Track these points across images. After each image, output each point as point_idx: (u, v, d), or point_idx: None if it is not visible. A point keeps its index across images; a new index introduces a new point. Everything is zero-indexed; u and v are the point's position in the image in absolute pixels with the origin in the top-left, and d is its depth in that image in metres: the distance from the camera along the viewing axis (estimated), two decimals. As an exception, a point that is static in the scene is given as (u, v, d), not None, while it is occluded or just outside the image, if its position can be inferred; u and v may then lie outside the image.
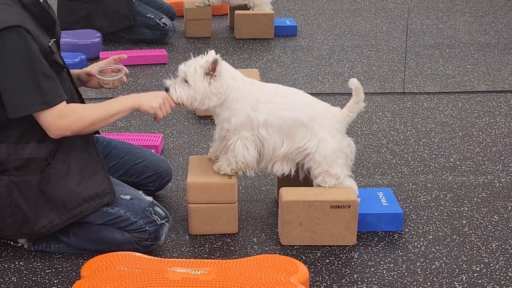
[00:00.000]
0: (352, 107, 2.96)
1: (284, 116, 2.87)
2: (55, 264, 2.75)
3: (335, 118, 2.94)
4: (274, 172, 2.95)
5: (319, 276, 2.67)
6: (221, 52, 5.40)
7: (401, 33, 5.90)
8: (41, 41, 2.55)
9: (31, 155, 2.64)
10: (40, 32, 2.59)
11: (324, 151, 2.87)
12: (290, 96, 2.95)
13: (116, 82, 2.93)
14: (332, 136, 2.90)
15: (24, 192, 2.65)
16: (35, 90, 2.53)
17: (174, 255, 2.81)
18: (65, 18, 5.54)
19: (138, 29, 5.61)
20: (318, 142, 2.88)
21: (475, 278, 2.67)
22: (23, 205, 2.65)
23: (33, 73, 2.52)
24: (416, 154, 3.71)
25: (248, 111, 2.85)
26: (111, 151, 3.08)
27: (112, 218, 2.72)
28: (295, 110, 2.89)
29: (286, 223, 2.84)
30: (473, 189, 3.34)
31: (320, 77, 4.90)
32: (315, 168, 2.89)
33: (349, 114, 2.97)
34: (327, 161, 2.87)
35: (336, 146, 2.90)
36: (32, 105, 2.54)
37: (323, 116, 2.92)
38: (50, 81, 2.55)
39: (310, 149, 2.88)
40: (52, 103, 2.55)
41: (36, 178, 2.64)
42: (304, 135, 2.89)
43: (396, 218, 2.96)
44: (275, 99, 2.89)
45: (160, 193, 3.25)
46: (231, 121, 2.85)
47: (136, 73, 4.96)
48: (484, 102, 4.45)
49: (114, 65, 2.96)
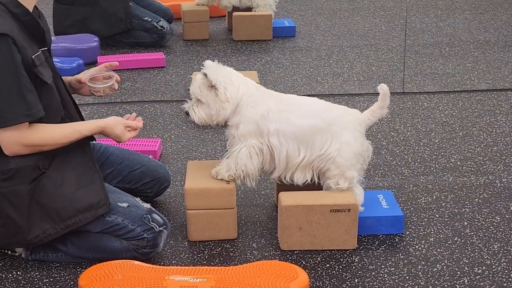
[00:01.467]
0: (375, 111, 2.94)
1: (300, 124, 2.84)
2: (53, 273, 2.72)
3: (357, 120, 2.91)
4: (295, 181, 2.91)
5: (319, 281, 2.65)
6: (220, 54, 5.39)
7: (400, 32, 5.87)
8: (25, 53, 2.53)
9: (18, 164, 2.61)
10: (28, 43, 2.57)
11: (346, 154, 2.84)
12: (308, 104, 2.93)
13: (107, 89, 2.92)
14: (355, 139, 2.87)
15: (14, 202, 2.62)
16: (19, 102, 2.51)
17: (173, 262, 2.79)
18: (60, 22, 5.52)
19: (135, 32, 5.58)
20: (341, 145, 2.84)
21: (477, 280, 2.64)
22: (14, 215, 2.63)
23: (19, 84, 2.50)
24: (416, 155, 3.69)
25: (257, 119, 2.83)
26: (108, 157, 3.06)
27: (110, 226, 2.69)
28: (312, 116, 2.86)
29: (286, 228, 2.82)
30: (474, 189, 3.32)
31: (319, 78, 4.87)
32: (333, 170, 2.85)
33: (370, 118, 2.94)
34: (347, 164, 2.84)
35: (358, 149, 2.87)
36: (15, 117, 2.52)
37: (344, 118, 2.89)
38: (32, 94, 2.54)
39: (332, 153, 2.84)
40: (34, 116, 2.54)
41: (26, 187, 2.61)
42: (324, 141, 2.85)
43: (396, 220, 2.94)
44: (290, 108, 2.87)
45: (159, 199, 3.23)
46: (239, 127, 2.84)
47: (134, 77, 4.94)
48: (484, 101, 4.42)
49: (105, 72, 2.94)
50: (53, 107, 2.66)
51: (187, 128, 4.06)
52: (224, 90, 2.81)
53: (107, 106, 4.38)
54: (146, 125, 4.09)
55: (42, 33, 2.65)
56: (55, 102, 2.68)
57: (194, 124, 4.06)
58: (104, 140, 3.27)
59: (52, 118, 2.66)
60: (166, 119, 4.18)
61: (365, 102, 4.37)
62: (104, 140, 3.36)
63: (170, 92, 4.65)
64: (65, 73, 4.54)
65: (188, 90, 4.57)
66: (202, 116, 2.87)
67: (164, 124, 4.11)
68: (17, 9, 2.56)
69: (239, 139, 2.85)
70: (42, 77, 2.59)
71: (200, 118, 2.87)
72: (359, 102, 4.38)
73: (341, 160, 2.84)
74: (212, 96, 2.82)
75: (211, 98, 2.82)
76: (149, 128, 4.06)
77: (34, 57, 2.56)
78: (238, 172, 2.85)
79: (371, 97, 4.47)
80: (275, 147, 2.85)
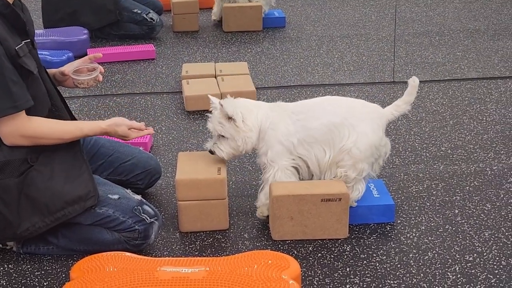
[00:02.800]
0: (399, 106, 2.94)
1: (314, 125, 2.85)
2: (45, 266, 2.72)
3: (375, 113, 2.90)
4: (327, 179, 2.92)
5: (311, 271, 2.65)
6: (210, 46, 5.38)
7: (390, 22, 5.87)
8: (8, 45, 2.52)
9: (6, 157, 2.60)
10: (10, 34, 2.55)
11: (362, 145, 2.83)
12: (318, 103, 2.93)
13: (91, 81, 2.90)
14: (373, 131, 2.85)
15: (2, 196, 2.61)
16: (4, 95, 2.50)
17: (164, 253, 2.79)
18: (50, 15, 5.50)
19: (125, 24, 5.56)
20: (358, 136, 2.83)
21: (468, 268, 2.65)
22: (3, 209, 2.62)
23: (2, 77, 2.49)
24: (407, 144, 3.69)
25: (280, 139, 2.84)
26: (99, 149, 3.05)
27: (101, 219, 2.69)
28: (325, 114, 2.86)
29: (277, 218, 2.82)
30: (465, 177, 3.32)
31: (310, 68, 4.87)
32: (346, 160, 2.85)
33: (394, 113, 2.94)
34: (361, 155, 2.83)
35: (375, 142, 2.86)
36: (2, 110, 2.51)
37: (360, 111, 2.88)
38: (18, 86, 2.53)
39: (349, 144, 2.83)
40: (21, 108, 2.54)
41: (14, 181, 2.61)
42: (342, 135, 2.85)
43: (388, 209, 2.94)
44: (303, 115, 2.87)
45: (150, 191, 3.23)
46: (268, 154, 2.86)
47: (124, 69, 4.92)
48: (474, 89, 4.43)
49: (89, 64, 2.93)
50: (39, 97, 2.65)
51: (178, 119, 4.05)
52: (243, 120, 2.82)
53: (98, 99, 4.37)
54: (137, 117, 4.08)
55: (23, 25, 2.63)
56: (41, 93, 2.67)
57: (185, 115, 4.09)
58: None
59: (40, 109, 2.65)
60: (157, 111, 4.17)
61: (355, 92, 4.37)
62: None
63: (161, 84, 4.64)
64: (55, 66, 4.48)
65: (178, 82, 4.59)
66: (229, 151, 2.88)
67: (155, 116, 4.10)
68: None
69: (270, 164, 2.87)
70: (28, 67, 2.57)
71: (228, 154, 2.89)
72: (349, 92, 4.37)
73: (356, 151, 2.83)
74: (234, 128, 2.83)
75: (234, 131, 2.83)
76: (140, 120, 4.04)
77: (17, 49, 2.54)
78: None
79: (362, 86, 4.47)
80: (306, 155, 2.87)
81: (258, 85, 4.49)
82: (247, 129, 2.83)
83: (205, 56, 5.16)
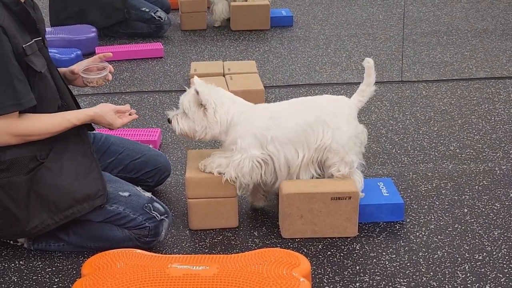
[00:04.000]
0: (364, 90, 2.94)
1: (289, 125, 2.84)
2: (56, 262, 2.73)
3: (345, 104, 2.91)
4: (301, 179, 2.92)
5: (321, 269, 2.66)
6: (218, 44, 5.39)
7: (398, 21, 5.87)
8: (16, 42, 2.52)
9: (14, 155, 2.61)
10: (20, 32, 2.56)
11: (340, 139, 2.84)
12: (291, 104, 2.92)
13: (100, 80, 2.92)
14: (346, 123, 2.87)
15: (12, 194, 2.62)
16: (9, 92, 2.50)
17: (174, 251, 2.79)
18: (58, 14, 5.52)
19: (133, 23, 5.58)
20: (333, 132, 2.84)
21: (478, 267, 2.65)
22: (11, 207, 2.63)
23: (7, 74, 2.50)
24: (415, 143, 3.69)
25: (254, 131, 2.82)
26: (109, 147, 3.06)
27: (111, 216, 2.70)
28: (298, 114, 2.85)
29: (287, 216, 2.82)
30: (473, 177, 3.33)
31: (318, 67, 4.87)
32: (331, 158, 2.86)
33: (360, 99, 2.95)
34: (344, 149, 2.84)
35: (352, 133, 2.87)
36: (5, 107, 2.51)
37: (332, 106, 2.89)
38: (22, 84, 2.53)
39: (326, 142, 2.84)
40: (24, 106, 2.54)
41: (23, 178, 2.62)
42: (317, 133, 2.85)
43: (397, 208, 2.94)
44: (277, 114, 2.86)
45: (159, 189, 3.23)
46: (237, 142, 2.82)
47: (132, 67, 4.93)
48: (483, 89, 4.43)
49: (99, 63, 2.94)
50: (48, 96, 2.66)
51: (187, 118, 4.05)
52: (214, 112, 2.78)
53: (106, 97, 4.38)
54: (145, 115, 4.09)
55: (33, 23, 2.63)
56: (50, 92, 2.67)
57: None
58: (105, 130, 3.27)
59: (48, 107, 2.66)
60: (166, 109, 4.17)
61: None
62: (105, 130, 3.35)
63: (169, 82, 4.65)
64: (64, 64, 4.54)
65: (186, 80, 4.60)
66: (184, 129, 2.83)
67: (164, 114, 4.10)
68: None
69: (239, 151, 2.83)
70: (34, 66, 2.57)
71: (182, 130, 2.84)
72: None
73: (336, 146, 2.84)
74: (200, 114, 2.80)
75: (198, 116, 2.80)
76: (149, 118, 4.06)
77: (25, 47, 2.55)
78: (235, 179, 2.83)
79: (370, 86, 4.47)
80: (273, 154, 2.85)
81: (266, 83, 4.50)
82: (213, 121, 2.79)
83: (213, 55, 5.17)
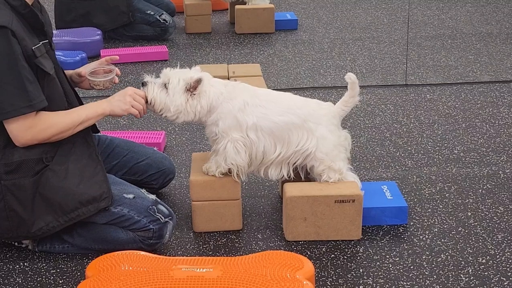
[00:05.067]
0: (347, 101, 2.94)
1: (276, 120, 2.83)
2: (60, 264, 2.74)
3: (330, 114, 2.91)
4: (269, 176, 2.91)
5: (324, 272, 2.66)
6: (222, 47, 5.40)
7: (402, 25, 5.87)
8: (25, 44, 2.53)
9: (22, 157, 2.62)
10: (28, 35, 2.57)
11: (325, 148, 2.85)
12: (283, 100, 2.90)
13: (107, 83, 2.92)
14: (330, 132, 2.88)
15: (18, 195, 2.64)
16: (20, 94, 2.51)
17: (178, 253, 2.80)
18: (63, 16, 5.53)
19: (138, 25, 5.59)
20: (317, 140, 2.85)
21: (481, 270, 2.65)
22: (17, 208, 2.64)
23: (19, 76, 2.51)
24: (419, 147, 3.70)
25: (235, 113, 2.80)
26: (114, 149, 3.07)
27: (116, 218, 2.71)
28: (288, 113, 2.85)
29: (291, 218, 2.83)
30: (477, 180, 3.33)
31: (322, 71, 4.88)
32: (317, 166, 2.87)
33: (344, 108, 2.94)
34: (329, 157, 2.86)
35: (336, 141, 2.88)
36: (17, 109, 2.52)
37: (318, 113, 2.89)
38: (33, 85, 2.54)
39: (310, 149, 2.85)
40: (36, 107, 2.55)
41: (29, 180, 2.63)
42: (300, 137, 2.86)
43: (400, 211, 2.95)
44: (268, 104, 2.85)
45: (164, 191, 3.24)
46: (219, 125, 2.81)
47: (137, 70, 4.95)
48: (487, 92, 4.43)
49: (106, 66, 2.95)
50: (55, 98, 2.67)
51: (191, 120, 4.06)
52: (198, 103, 2.76)
53: (111, 99, 4.39)
54: (150, 118, 4.10)
55: (41, 25, 2.65)
56: (57, 94, 2.69)
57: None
58: (109, 133, 3.28)
59: (56, 109, 2.67)
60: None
61: (368, 94, 4.38)
62: (109, 132, 3.37)
63: (174, 85, 4.65)
64: (69, 66, 4.56)
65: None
66: (156, 99, 2.74)
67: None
68: (15, 2, 2.56)
69: (222, 135, 2.82)
70: (43, 67, 2.59)
71: (153, 99, 2.74)
72: (362, 94, 4.36)
73: (321, 155, 2.85)
74: (183, 98, 2.76)
75: (180, 98, 2.75)
76: (153, 120, 4.07)
77: (34, 49, 2.56)
78: (230, 167, 2.83)
79: (374, 89, 4.48)
80: (253, 142, 2.84)
81: (270, 87, 4.50)
82: (191, 109, 2.76)
83: (218, 58, 5.18)
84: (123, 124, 4.02)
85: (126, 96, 2.73)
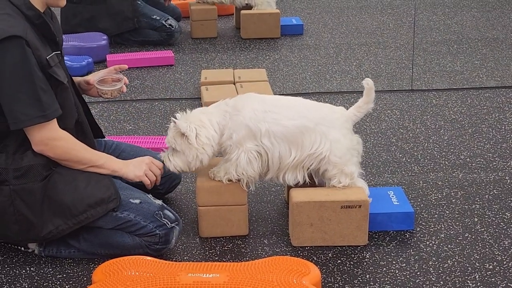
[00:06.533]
0: (361, 107, 2.94)
1: (288, 124, 2.83)
2: (66, 269, 2.74)
3: (342, 118, 2.92)
4: (286, 181, 2.90)
5: (331, 277, 2.66)
6: (228, 52, 5.41)
7: (408, 30, 5.87)
8: (39, 54, 2.55)
9: (30, 162, 2.64)
10: (41, 44, 2.59)
11: (339, 152, 2.85)
12: (293, 105, 2.91)
13: (115, 92, 2.94)
14: (343, 136, 2.88)
15: (26, 200, 2.65)
16: (34, 103, 2.54)
17: (185, 258, 2.80)
18: (68, 21, 5.54)
19: (144, 30, 5.60)
20: (331, 144, 2.85)
21: (488, 276, 2.65)
22: (27, 212, 2.65)
23: (33, 85, 2.53)
24: (426, 152, 3.69)
25: (247, 122, 2.80)
26: (120, 154, 3.07)
27: (122, 223, 2.71)
28: (300, 117, 2.85)
29: (297, 224, 2.83)
30: (484, 186, 3.32)
31: (328, 76, 4.88)
32: (331, 170, 2.86)
33: (356, 114, 2.94)
34: (342, 161, 2.85)
35: (349, 145, 2.88)
36: (31, 118, 2.54)
37: (330, 117, 2.89)
38: (47, 95, 2.56)
39: (324, 153, 2.84)
40: (50, 117, 2.57)
41: (38, 185, 2.64)
42: (313, 140, 2.85)
43: (407, 217, 2.94)
44: (277, 109, 2.85)
45: (170, 196, 3.24)
46: (233, 137, 2.82)
47: (143, 75, 4.95)
48: (493, 98, 4.43)
49: (114, 74, 2.96)
50: (68, 108, 2.70)
51: (197, 125, 4.06)
52: (196, 135, 2.77)
53: (117, 104, 4.40)
54: (156, 123, 4.11)
55: (53, 36, 2.67)
56: (69, 104, 2.71)
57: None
58: (115, 137, 3.29)
59: (67, 119, 2.69)
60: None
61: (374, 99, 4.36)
62: (115, 137, 3.38)
63: (180, 90, 4.66)
64: (75, 71, 4.58)
65: (197, 88, 4.62)
66: (178, 164, 2.83)
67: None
68: (29, 12, 2.58)
69: (236, 146, 2.82)
70: (58, 77, 2.61)
71: (176, 166, 2.83)
72: (368, 99, 4.38)
73: (335, 158, 2.85)
74: (186, 144, 2.78)
75: (186, 147, 2.79)
76: (159, 125, 4.07)
77: (48, 58, 2.58)
78: (240, 177, 2.83)
79: (380, 94, 4.47)
80: (268, 148, 2.84)
81: (276, 92, 4.51)
82: (200, 145, 2.78)
83: (223, 63, 5.19)
84: (129, 129, 4.02)
85: (142, 164, 2.81)
